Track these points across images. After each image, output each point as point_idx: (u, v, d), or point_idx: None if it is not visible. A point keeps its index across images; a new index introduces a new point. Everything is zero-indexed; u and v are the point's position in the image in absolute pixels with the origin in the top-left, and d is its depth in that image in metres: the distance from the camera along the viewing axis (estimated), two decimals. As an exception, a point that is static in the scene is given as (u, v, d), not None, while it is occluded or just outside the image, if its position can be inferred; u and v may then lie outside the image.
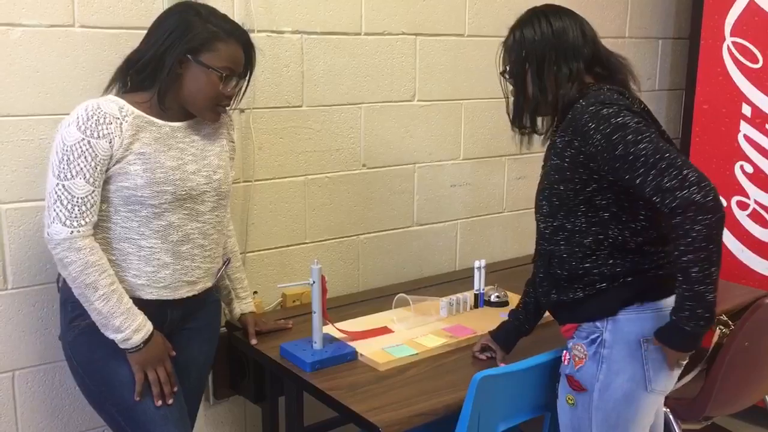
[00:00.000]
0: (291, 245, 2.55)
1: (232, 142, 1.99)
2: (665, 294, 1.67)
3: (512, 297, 2.50)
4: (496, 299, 2.48)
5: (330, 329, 2.14)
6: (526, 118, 1.79)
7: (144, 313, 1.75)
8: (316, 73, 2.48)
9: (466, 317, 2.37)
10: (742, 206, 3.16)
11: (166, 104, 1.76)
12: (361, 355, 2.04)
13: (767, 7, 3.00)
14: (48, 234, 1.67)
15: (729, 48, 3.14)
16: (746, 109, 3.11)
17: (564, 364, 1.77)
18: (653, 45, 3.50)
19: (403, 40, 2.67)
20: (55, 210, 1.66)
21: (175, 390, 1.80)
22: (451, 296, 2.42)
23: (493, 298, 2.48)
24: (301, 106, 2.48)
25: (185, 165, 1.78)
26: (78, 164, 1.65)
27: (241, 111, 2.31)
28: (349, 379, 1.91)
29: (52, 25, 1.98)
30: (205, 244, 1.85)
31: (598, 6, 3.17)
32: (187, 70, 1.73)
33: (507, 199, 3.12)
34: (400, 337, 2.18)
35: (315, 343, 2.03)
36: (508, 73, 1.79)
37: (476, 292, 2.48)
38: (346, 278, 2.69)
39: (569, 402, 1.75)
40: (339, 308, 2.40)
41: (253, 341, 2.12)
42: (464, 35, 2.83)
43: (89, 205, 1.68)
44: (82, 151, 1.65)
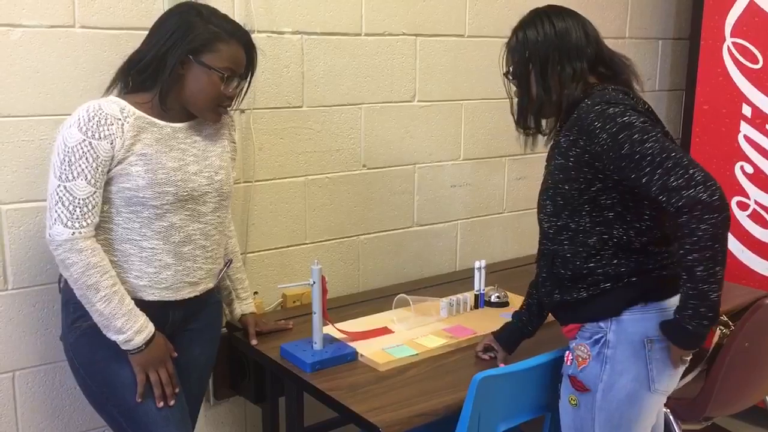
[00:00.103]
0: (291, 246, 2.55)
1: (234, 143, 1.99)
2: (669, 294, 1.67)
3: (512, 297, 2.50)
4: (497, 300, 2.48)
5: (330, 330, 2.14)
6: (530, 118, 1.78)
7: (146, 314, 1.75)
8: (316, 73, 2.48)
9: (466, 318, 2.37)
10: (743, 207, 3.16)
11: (168, 105, 1.76)
12: (362, 355, 2.04)
13: (767, 8, 3.00)
14: (49, 235, 1.67)
15: (729, 48, 3.14)
16: (746, 110, 3.11)
17: (566, 364, 1.77)
18: (653, 45, 3.50)
19: (404, 41, 2.67)
20: (56, 211, 1.66)
21: (176, 391, 1.80)
22: (451, 297, 2.42)
23: (493, 299, 2.48)
24: (301, 107, 2.48)
25: (187, 166, 1.78)
26: (79, 165, 1.65)
27: (242, 111, 2.31)
28: (350, 380, 1.91)
29: (52, 26, 1.98)
30: (207, 245, 1.85)
31: (598, 6, 3.17)
32: (189, 70, 1.73)
33: (507, 199, 3.12)
34: (400, 337, 2.18)
35: (315, 343, 2.03)
36: (511, 74, 1.79)
37: (476, 293, 2.48)
38: (347, 279, 2.69)
39: (572, 402, 1.75)
40: (339, 309, 2.40)
41: (254, 342, 2.12)
42: (464, 36, 2.83)
43: (91, 207, 1.68)
44: (84, 152, 1.65)
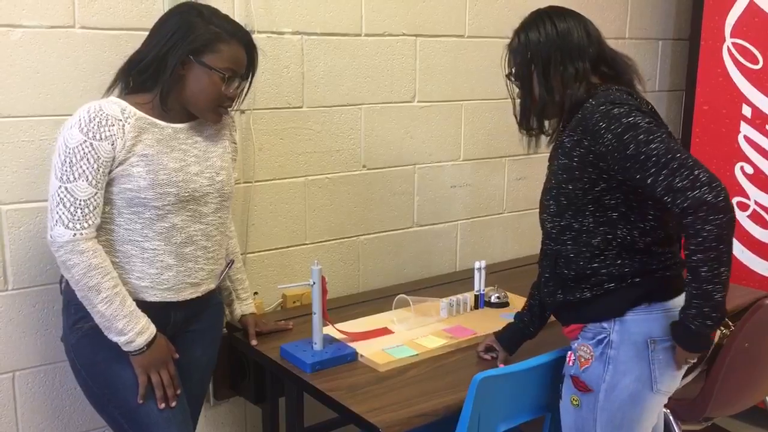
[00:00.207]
0: (291, 246, 2.55)
1: (235, 143, 1.99)
2: (672, 294, 1.67)
3: (512, 298, 2.50)
4: (497, 300, 2.48)
5: (330, 330, 2.14)
6: (533, 119, 1.78)
7: (147, 316, 1.75)
8: (316, 74, 2.48)
9: (466, 318, 2.37)
10: (742, 207, 3.16)
11: (168, 105, 1.76)
12: (362, 355, 2.04)
13: (767, 8, 3.00)
14: (51, 237, 1.67)
15: (729, 49, 3.14)
16: (746, 110, 3.11)
17: (568, 365, 1.76)
18: (653, 46, 3.50)
19: (404, 41, 2.67)
20: (57, 212, 1.66)
21: (178, 393, 1.80)
22: (451, 297, 2.42)
23: (493, 299, 2.48)
24: (301, 107, 2.48)
25: (188, 166, 1.78)
26: (80, 166, 1.65)
27: (242, 112, 2.31)
28: (350, 380, 1.91)
29: (52, 26, 1.98)
30: (209, 245, 1.85)
31: (598, 7, 3.17)
32: (190, 71, 1.73)
33: (507, 199, 3.12)
34: (400, 337, 2.18)
35: (315, 343, 2.03)
36: (513, 76, 1.79)
37: (476, 293, 2.48)
38: (347, 279, 2.69)
39: (574, 403, 1.75)
40: (339, 309, 2.40)
41: (254, 342, 2.12)
42: (464, 36, 2.83)
43: (92, 208, 1.67)
44: (85, 153, 1.65)
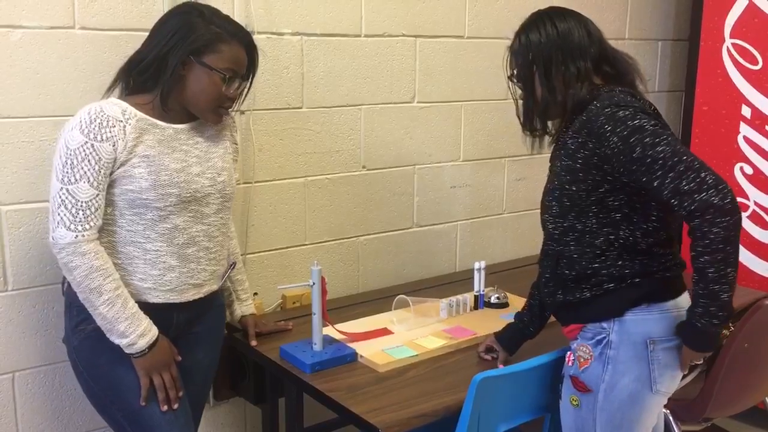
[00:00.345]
0: (291, 247, 2.55)
1: (236, 144, 1.99)
2: (672, 295, 1.68)
3: (512, 298, 2.50)
4: (496, 301, 2.48)
5: (330, 330, 2.14)
6: (536, 120, 1.78)
7: (150, 317, 1.75)
8: (316, 74, 2.48)
9: (466, 318, 2.37)
10: (742, 208, 3.13)
11: (169, 106, 1.76)
12: (361, 356, 2.04)
13: (767, 9, 3.00)
14: (53, 238, 1.67)
15: (728, 49, 3.14)
16: (746, 111, 3.12)
17: (568, 365, 1.77)
18: (653, 46, 3.50)
19: (403, 42, 2.68)
20: (59, 214, 1.65)
21: (180, 395, 1.80)
22: (451, 297, 2.42)
23: (493, 300, 2.48)
24: (301, 108, 2.48)
25: (189, 167, 1.78)
26: (82, 168, 1.65)
27: (242, 113, 2.31)
28: (349, 381, 1.91)
29: (52, 27, 1.98)
30: (210, 246, 1.85)
31: (597, 7, 3.17)
32: (190, 71, 1.73)
33: (507, 200, 3.12)
34: (400, 338, 2.18)
35: (315, 344, 2.03)
36: (515, 77, 1.79)
37: (476, 294, 2.48)
38: (346, 280, 2.69)
39: (573, 403, 1.75)
40: (339, 309, 2.40)
41: (253, 342, 2.12)
42: (464, 37, 2.83)
43: (94, 209, 1.67)
44: (86, 154, 1.65)
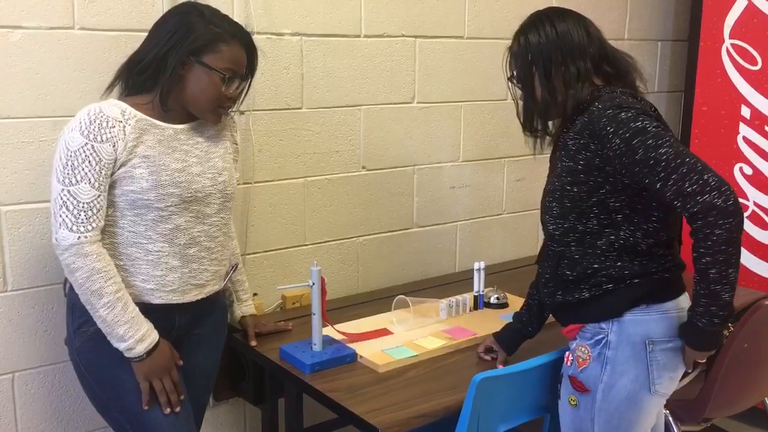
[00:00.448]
0: (291, 247, 2.55)
1: (236, 144, 1.99)
2: (671, 296, 1.68)
3: (512, 299, 2.50)
4: (496, 301, 2.48)
5: (330, 331, 2.14)
6: (536, 121, 1.78)
7: (152, 319, 1.74)
8: (315, 75, 2.48)
9: (465, 319, 2.37)
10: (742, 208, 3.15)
11: (168, 106, 1.76)
12: (361, 356, 2.04)
13: (766, 9, 3.01)
14: (56, 240, 1.67)
15: (728, 50, 3.14)
16: (745, 111, 3.12)
17: (566, 364, 1.77)
18: (652, 47, 3.51)
19: (403, 42, 2.68)
20: (61, 216, 1.65)
21: (182, 398, 1.79)
22: (450, 298, 2.42)
23: (492, 300, 2.49)
24: (300, 108, 2.48)
25: (190, 167, 1.78)
26: (82, 169, 1.65)
27: (241, 113, 2.31)
28: (349, 381, 1.91)
29: (52, 28, 1.98)
30: (212, 246, 1.85)
31: (597, 8, 3.17)
32: (190, 71, 1.73)
33: (506, 200, 3.12)
34: (399, 338, 2.18)
35: (314, 344, 2.03)
36: (515, 78, 1.79)
37: (476, 294, 2.48)
38: (346, 280, 2.69)
39: (571, 403, 1.75)
40: (339, 310, 2.40)
41: (253, 343, 2.12)
42: (464, 37, 2.83)
43: (95, 210, 1.67)
44: (86, 155, 1.65)
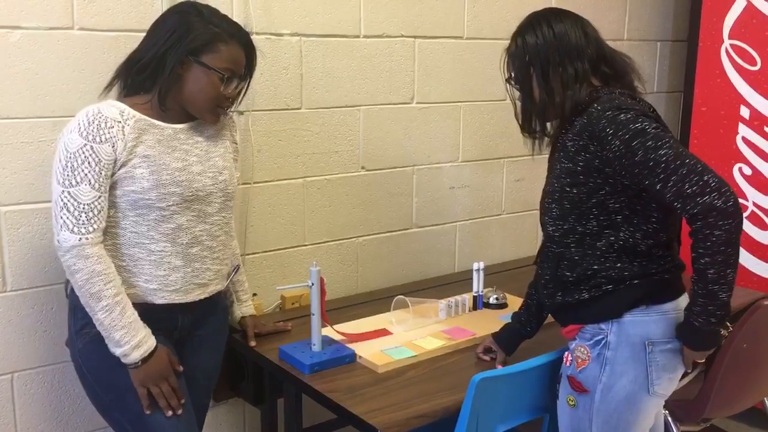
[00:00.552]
0: (290, 247, 2.55)
1: (236, 143, 1.99)
2: (671, 297, 1.68)
3: (511, 299, 2.50)
4: (495, 301, 2.48)
5: (329, 331, 2.14)
6: (535, 122, 1.78)
7: (155, 319, 1.74)
8: (314, 75, 2.48)
9: (464, 319, 2.37)
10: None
11: (167, 105, 1.76)
12: (360, 357, 2.04)
13: (765, 10, 3.01)
14: (57, 242, 1.67)
15: (727, 50, 3.14)
16: (744, 112, 3.12)
17: (565, 365, 1.77)
18: (652, 47, 3.51)
19: (402, 43, 2.68)
20: (61, 218, 1.65)
21: (182, 402, 1.78)
22: (449, 298, 2.42)
23: (491, 300, 2.48)
24: (299, 109, 2.48)
25: (190, 166, 1.78)
26: (82, 170, 1.65)
27: (240, 113, 2.31)
28: (348, 381, 1.91)
29: (51, 28, 1.98)
30: (214, 245, 1.85)
31: (596, 8, 3.17)
32: (188, 70, 1.73)
33: (506, 201, 3.12)
34: (398, 339, 2.18)
35: (314, 345, 2.03)
36: (513, 80, 1.79)
37: (475, 294, 2.48)
38: (345, 280, 2.69)
39: (570, 403, 1.75)
40: (338, 310, 2.40)
41: (252, 343, 2.12)
42: (463, 38, 2.83)
43: (96, 212, 1.67)
44: (86, 156, 1.65)
